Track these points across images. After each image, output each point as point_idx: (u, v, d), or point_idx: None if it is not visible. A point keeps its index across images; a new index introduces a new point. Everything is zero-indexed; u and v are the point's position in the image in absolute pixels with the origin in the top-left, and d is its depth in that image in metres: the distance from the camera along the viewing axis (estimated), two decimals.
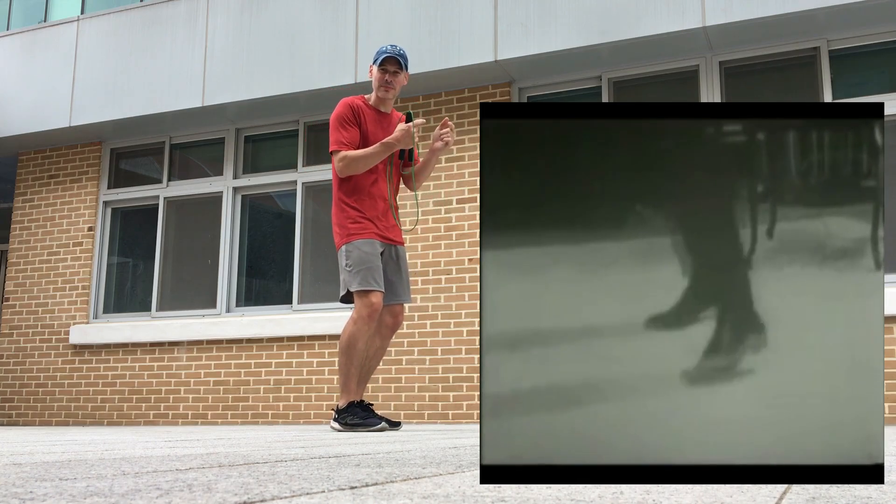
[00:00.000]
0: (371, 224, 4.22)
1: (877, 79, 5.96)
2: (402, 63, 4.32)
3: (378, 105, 4.38)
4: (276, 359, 7.04)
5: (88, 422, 7.71)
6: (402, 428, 4.54)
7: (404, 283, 4.37)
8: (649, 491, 1.14)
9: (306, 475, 1.40)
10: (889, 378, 5.40)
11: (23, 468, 1.59)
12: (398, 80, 4.33)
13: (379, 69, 4.31)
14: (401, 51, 4.34)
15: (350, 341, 4.12)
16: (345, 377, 4.16)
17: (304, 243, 7.27)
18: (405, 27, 6.70)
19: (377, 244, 4.22)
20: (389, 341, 4.41)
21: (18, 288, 8.23)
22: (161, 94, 7.56)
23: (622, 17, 6.05)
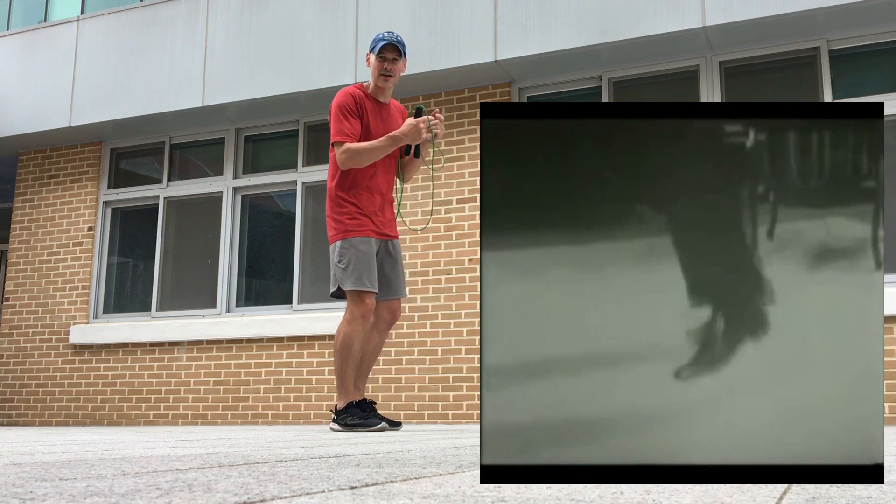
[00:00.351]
0: (368, 220, 4.16)
1: (877, 79, 5.96)
2: (400, 49, 4.20)
3: (377, 95, 4.26)
4: (276, 359, 7.04)
5: (88, 422, 7.71)
6: (402, 428, 4.53)
7: (400, 278, 4.32)
8: (649, 491, 1.14)
9: (306, 475, 1.40)
10: (889, 378, 5.40)
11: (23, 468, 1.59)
12: (397, 67, 4.21)
13: (377, 57, 4.19)
14: (398, 37, 4.21)
15: (345, 342, 4.09)
16: (341, 378, 4.13)
17: (304, 243, 7.27)
18: (405, 27, 6.70)
19: (373, 242, 4.16)
20: (387, 335, 4.37)
21: (18, 288, 8.23)
22: (161, 94, 7.56)
23: (622, 17, 6.05)
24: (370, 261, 4.13)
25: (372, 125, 4.19)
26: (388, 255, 4.28)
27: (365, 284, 4.09)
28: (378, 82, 4.22)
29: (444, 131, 4.18)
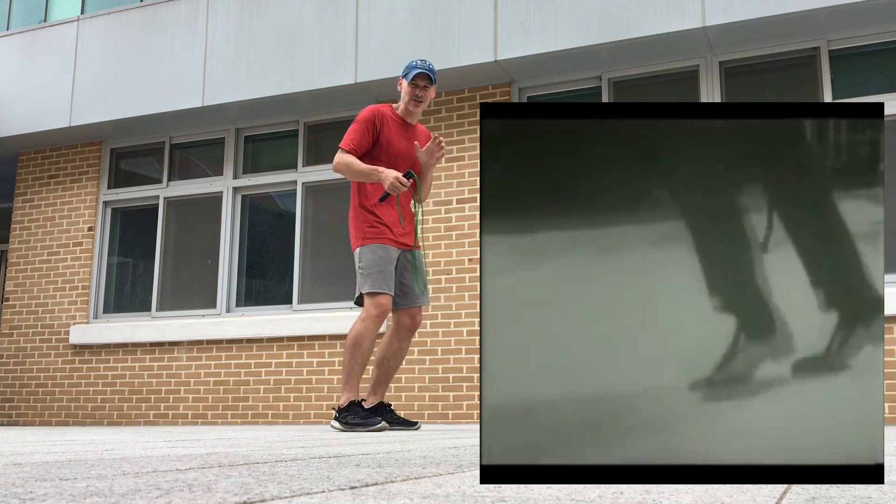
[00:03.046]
0: (387, 229, 4.32)
1: (877, 79, 5.96)
2: (432, 78, 4.46)
3: (405, 116, 4.50)
4: (276, 359, 7.04)
5: (88, 422, 7.71)
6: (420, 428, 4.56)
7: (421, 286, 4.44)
8: (649, 491, 1.14)
9: (306, 475, 1.40)
10: (889, 378, 5.40)
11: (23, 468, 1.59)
12: (428, 94, 4.47)
13: (410, 84, 4.43)
14: (430, 66, 4.48)
15: (356, 339, 4.20)
16: (348, 374, 4.23)
17: (303, 243, 7.27)
18: (405, 27, 6.70)
19: (392, 249, 4.31)
20: (409, 343, 4.50)
21: (18, 288, 8.23)
22: (161, 94, 7.56)
23: (622, 17, 6.05)
24: (387, 266, 4.27)
25: (395, 142, 4.41)
26: (408, 263, 4.42)
27: (380, 286, 4.22)
28: (409, 106, 4.47)
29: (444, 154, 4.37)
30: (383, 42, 6.76)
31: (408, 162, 4.41)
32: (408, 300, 4.40)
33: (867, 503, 1.02)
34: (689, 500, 1.04)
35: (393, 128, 4.43)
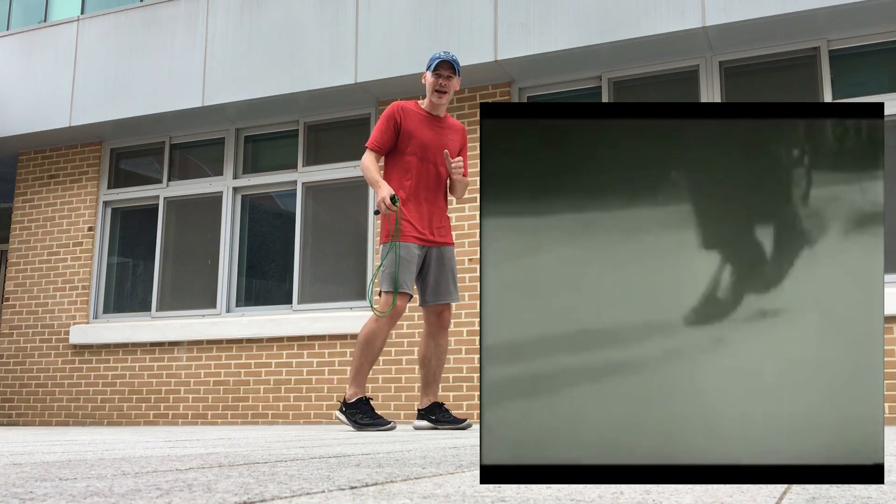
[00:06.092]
0: (411, 227, 4.31)
1: (877, 79, 5.96)
2: (455, 68, 4.44)
3: (431, 109, 4.50)
4: (276, 359, 7.04)
5: (88, 422, 7.71)
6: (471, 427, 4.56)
7: (448, 283, 4.42)
8: (649, 491, 1.14)
9: (306, 475, 1.40)
10: (889, 378, 5.40)
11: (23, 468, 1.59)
12: (451, 84, 4.45)
13: (433, 74, 4.43)
14: (453, 56, 4.47)
15: (368, 337, 4.23)
16: (356, 370, 4.27)
17: (303, 243, 7.27)
18: (405, 27, 6.70)
19: (413, 248, 4.29)
20: (445, 339, 4.47)
21: (18, 288, 8.23)
22: (161, 94, 7.56)
23: (622, 17, 6.05)
24: (407, 265, 4.26)
25: (419, 134, 4.41)
26: (436, 260, 4.40)
27: (399, 286, 4.21)
28: (433, 98, 4.47)
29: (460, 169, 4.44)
30: (383, 42, 6.76)
31: (438, 152, 4.40)
32: (435, 297, 4.39)
33: (867, 503, 1.02)
34: (689, 500, 1.04)
35: (416, 119, 4.42)
